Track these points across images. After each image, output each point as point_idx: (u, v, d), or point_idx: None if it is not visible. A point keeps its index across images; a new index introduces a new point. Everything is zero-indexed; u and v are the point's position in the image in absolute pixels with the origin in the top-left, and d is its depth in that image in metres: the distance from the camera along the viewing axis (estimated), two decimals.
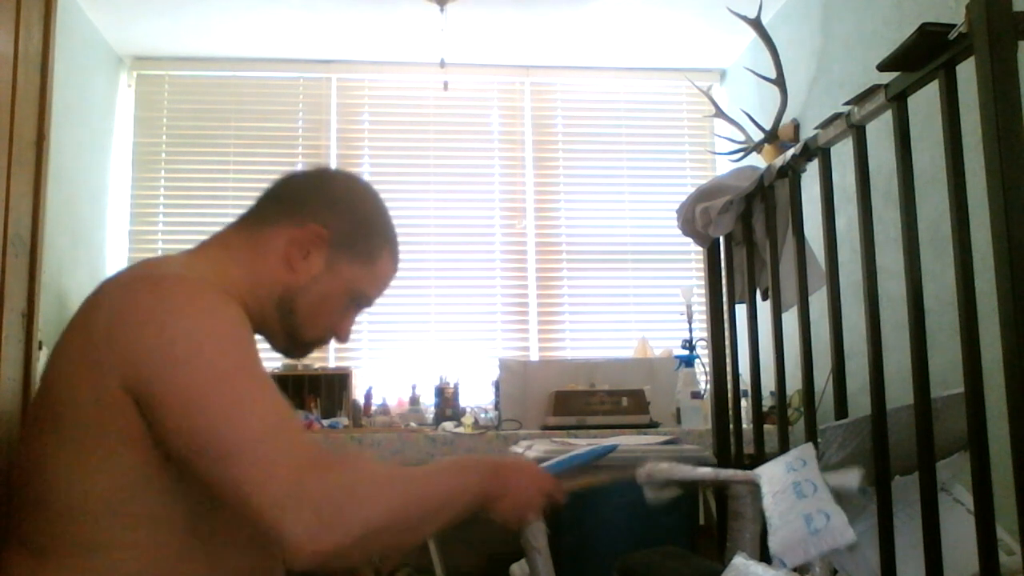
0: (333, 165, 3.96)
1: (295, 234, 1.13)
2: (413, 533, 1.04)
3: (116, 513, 0.96)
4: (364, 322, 3.85)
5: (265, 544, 1.04)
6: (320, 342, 1.23)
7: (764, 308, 1.89)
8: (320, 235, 1.13)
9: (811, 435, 1.60)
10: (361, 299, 1.22)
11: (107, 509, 0.96)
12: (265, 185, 1.21)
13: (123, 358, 0.95)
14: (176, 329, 0.95)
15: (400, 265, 1.28)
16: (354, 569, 1.28)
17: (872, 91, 1.45)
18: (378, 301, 1.28)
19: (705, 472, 1.48)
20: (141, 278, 1.01)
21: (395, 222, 1.27)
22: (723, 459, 2.05)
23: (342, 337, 1.24)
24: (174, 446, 0.94)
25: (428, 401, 3.39)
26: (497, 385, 3.21)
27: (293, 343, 1.20)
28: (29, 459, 1.03)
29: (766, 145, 3.38)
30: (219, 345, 0.96)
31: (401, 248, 1.27)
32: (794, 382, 2.00)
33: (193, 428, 0.92)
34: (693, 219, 2.06)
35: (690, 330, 3.43)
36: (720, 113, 3.59)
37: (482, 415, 3.15)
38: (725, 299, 2.12)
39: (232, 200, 3.87)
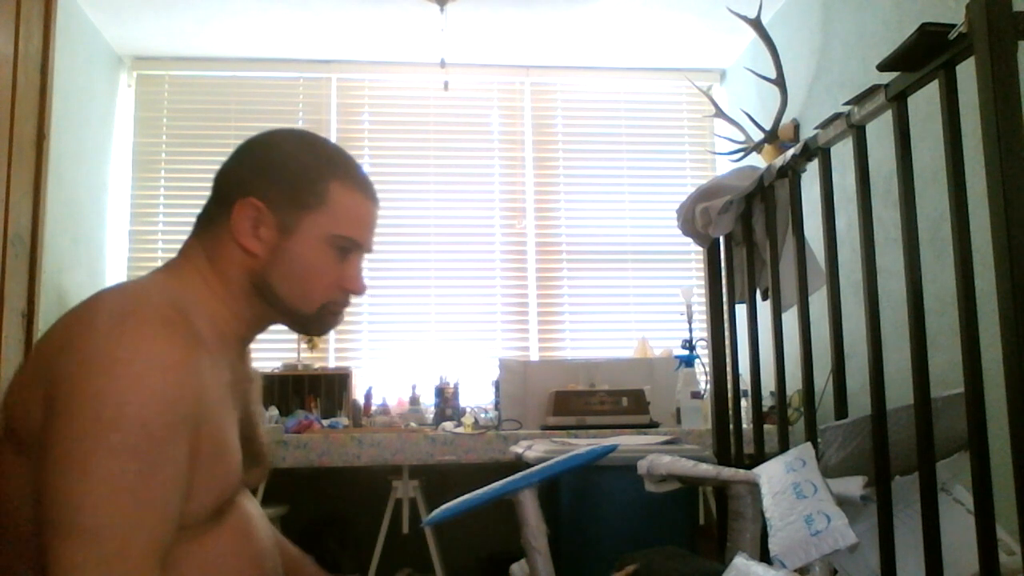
0: None
1: (234, 220, 1.08)
2: None
3: None
4: (364, 322, 3.85)
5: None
6: (333, 307, 1.13)
7: (764, 308, 1.89)
8: (256, 206, 1.07)
9: (811, 435, 1.60)
10: (346, 243, 1.11)
11: None
12: None
13: (48, 391, 0.91)
14: (94, 385, 0.89)
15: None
16: None
17: (872, 91, 1.45)
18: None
19: (705, 469, 1.48)
20: (108, 315, 0.94)
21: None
22: (723, 459, 2.05)
23: (356, 289, 1.13)
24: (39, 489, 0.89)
25: (428, 401, 3.39)
26: (497, 385, 3.21)
27: (301, 322, 1.12)
28: None
29: (766, 145, 3.38)
30: (122, 417, 0.88)
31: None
32: (794, 382, 2.00)
33: (46, 486, 0.87)
34: (693, 219, 2.07)
35: (690, 330, 3.43)
36: (720, 113, 3.59)
37: (482, 415, 3.15)
38: (725, 299, 2.12)
39: None
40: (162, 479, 0.90)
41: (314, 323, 1.13)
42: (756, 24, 3.21)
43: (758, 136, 3.42)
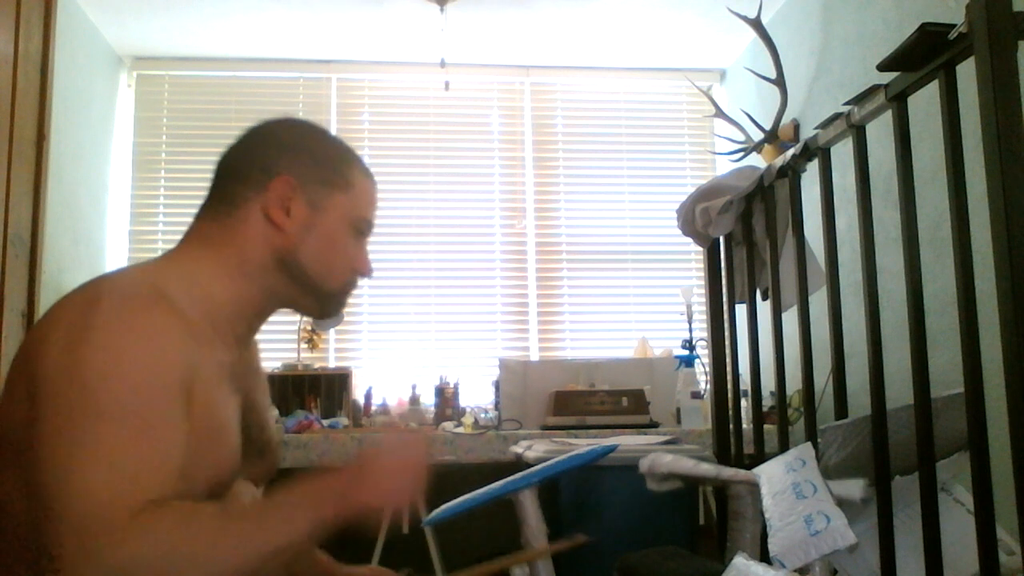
0: None
1: (267, 197, 1.09)
2: None
3: None
4: (364, 322, 3.85)
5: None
6: (348, 287, 1.16)
7: (764, 308, 1.89)
8: (291, 184, 1.09)
9: (811, 435, 1.60)
10: (361, 225, 1.15)
11: None
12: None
13: (31, 378, 0.91)
14: (75, 357, 0.90)
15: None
16: None
17: (872, 91, 1.45)
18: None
19: (706, 469, 1.48)
20: (84, 298, 0.96)
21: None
22: (723, 459, 2.05)
23: (366, 271, 1.17)
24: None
25: (428, 401, 3.39)
26: (497, 385, 3.21)
27: (322, 300, 1.14)
28: None
29: (766, 145, 3.38)
30: (106, 382, 0.89)
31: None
32: (794, 382, 2.00)
33: (36, 466, 0.87)
34: (693, 219, 2.07)
35: (690, 330, 3.43)
36: (720, 113, 3.59)
37: (482, 415, 3.15)
38: (725, 299, 2.12)
39: None
40: (157, 439, 0.89)
41: (334, 301, 1.16)
42: (756, 24, 3.21)
43: (758, 136, 3.42)
